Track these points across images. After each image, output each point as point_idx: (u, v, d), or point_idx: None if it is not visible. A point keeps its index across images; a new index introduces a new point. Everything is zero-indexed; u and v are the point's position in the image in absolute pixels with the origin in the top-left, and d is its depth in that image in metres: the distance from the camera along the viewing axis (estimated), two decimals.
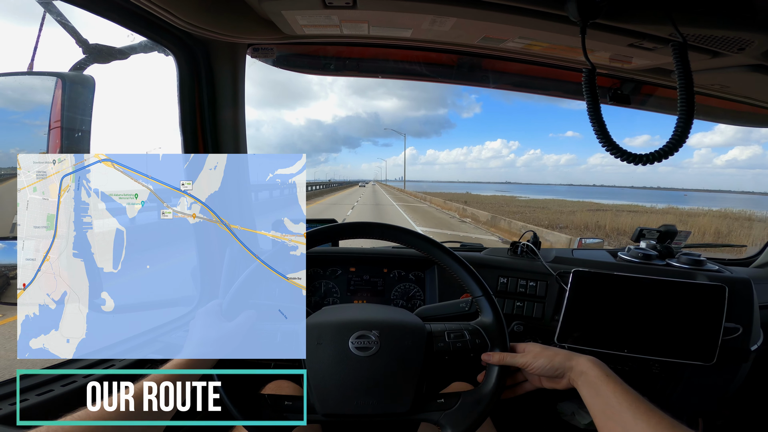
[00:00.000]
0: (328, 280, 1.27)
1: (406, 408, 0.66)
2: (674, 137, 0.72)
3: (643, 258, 1.24)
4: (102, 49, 0.89)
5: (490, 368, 0.72)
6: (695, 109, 0.72)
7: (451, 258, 0.78)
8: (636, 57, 0.98)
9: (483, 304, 0.76)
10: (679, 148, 0.74)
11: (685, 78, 0.72)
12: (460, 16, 0.86)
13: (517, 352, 0.73)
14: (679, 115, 0.72)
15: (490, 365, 0.72)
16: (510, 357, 0.71)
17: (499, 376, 0.71)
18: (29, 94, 0.86)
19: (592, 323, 1.05)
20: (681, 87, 0.72)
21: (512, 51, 1.09)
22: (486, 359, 0.72)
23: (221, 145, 1.22)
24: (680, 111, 0.72)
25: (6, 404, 0.70)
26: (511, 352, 0.72)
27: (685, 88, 0.71)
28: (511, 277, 1.17)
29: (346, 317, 0.75)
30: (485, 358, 0.72)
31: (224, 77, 1.15)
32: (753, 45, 0.81)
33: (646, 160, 0.74)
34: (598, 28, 0.81)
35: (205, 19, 0.90)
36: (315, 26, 0.98)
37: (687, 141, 0.73)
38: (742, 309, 1.07)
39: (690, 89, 0.71)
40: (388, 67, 1.31)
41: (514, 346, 0.75)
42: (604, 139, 0.76)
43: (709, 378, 1.11)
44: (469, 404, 0.68)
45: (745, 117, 1.44)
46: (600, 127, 0.76)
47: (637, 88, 1.31)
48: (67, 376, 0.81)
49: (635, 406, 0.57)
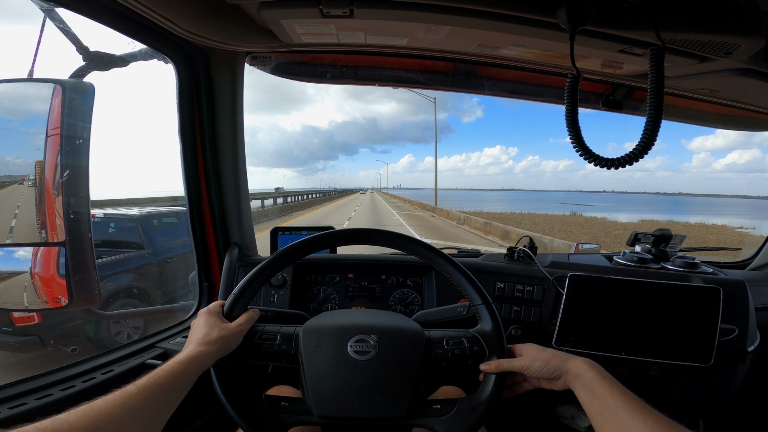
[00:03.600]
0: (326, 286, 1.28)
1: (402, 413, 0.66)
2: (643, 140, 0.75)
3: (639, 262, 1.25)
4: (102, 56, 0.90)
5: (487, 375, 0.72)
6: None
7: (451, 265, 0.78)
8: (626, 63, 1.00)
9: (482, 312, 0.76)
10: (648, 151, 0.76)
11: (656, 81, 0.74)
12: (454, 25, 0.88)
13: (514, 354, 0.74)
14: (648, 117, 0.74)
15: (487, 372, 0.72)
16: (507, 363, 0.71)
17: (496, 382, 0.70)
18: (25, 103, 0.87)
19: (590, 326, 1.05)
20: (651, 90, 0.74)
21: (507, 58, 1.11)
22: (484, 369, 0.72)
23: (220, 151, 1.23)
24: (648, 113, 0.74)
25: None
26: (508, 357, 0.73)
27: (655, 92, 0.74)
28: (509, 282, 1.18)
29: (346, 321, 0.76)
30: (483, 368, 0.72)
31: (223, 85, 1.17)
32: (740, 49, 0.83)
33: (618, 164, 0.77)
34: (589, 35, 0.84)
35: (204, 28, 0.92)
36: (313, 35, 0.99)
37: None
38: (737, 310, 1.08)
39: (660, 92, 0.74)
40: (385, 75, 1.33)
41: (512, 349, 0.75)
42: (579, 144, 0.79)
43: (707, 379, 1.11)
44: (466, 411, 0.68)
45: (735, 121, 1.46)
46: (575, 133, 0.79)
47: (629, 93, 1.33)
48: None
49: (632, 407, 0.57)
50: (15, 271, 0.84)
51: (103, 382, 0.86)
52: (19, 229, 0.82)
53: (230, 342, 0.67)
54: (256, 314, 0.74)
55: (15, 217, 0.82)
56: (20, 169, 0.82)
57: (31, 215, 0.81)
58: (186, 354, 0.62)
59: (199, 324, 0.69)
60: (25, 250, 0.84)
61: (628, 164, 0.76)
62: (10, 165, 0.83)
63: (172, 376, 0.57)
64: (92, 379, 0.86)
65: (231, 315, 0.72)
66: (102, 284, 1.32)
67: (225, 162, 1.24)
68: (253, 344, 0.71)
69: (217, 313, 0.71)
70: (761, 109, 1.34)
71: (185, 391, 0.60)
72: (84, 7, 0.80)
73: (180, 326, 1.18)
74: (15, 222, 0.82)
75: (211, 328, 0.67)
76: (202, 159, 1.21)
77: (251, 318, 0.73)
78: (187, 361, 0.60)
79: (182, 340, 1.08)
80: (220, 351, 0.65)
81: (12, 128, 0.87)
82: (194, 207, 1.24)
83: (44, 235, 0.81)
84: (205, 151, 1.20)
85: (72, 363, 0.89)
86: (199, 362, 0.62)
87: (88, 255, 0.83)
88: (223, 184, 1.26)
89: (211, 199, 1.25)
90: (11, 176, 0.82)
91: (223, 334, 0.66)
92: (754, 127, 1.56)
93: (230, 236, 1.32)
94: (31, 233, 0.82)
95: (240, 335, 0.69)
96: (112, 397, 0.51)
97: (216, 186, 1.25)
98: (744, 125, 1.54)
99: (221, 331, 0.67)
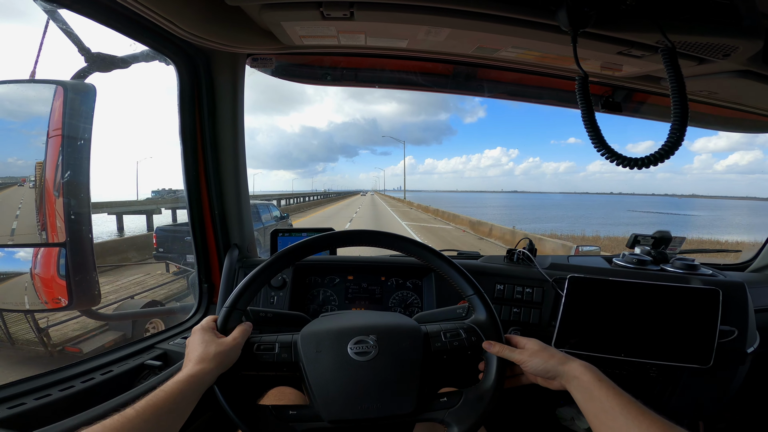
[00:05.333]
0: (326, 288, 1.28)
1: (410, 409, 0.66)
2: (669, 141, 0.74)
3: (638, 263, 1.25)
4: (104, 57, 0.90)
5: (489, 363, 0.73)
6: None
7: (442, 260, 0.80)
8: (626, 64, 1.00)
9: (475, 302, 0.78)
10: (675, 152, 0.75)
11: (677, 82, 0.73)
12: (454, 27, 0.89)
13: (517, 346, 0.75)
14: (673, 119, 0.73)
15: (489, 360, 0.73)
16: (508, 351, 0.72)
17: (498, 370, 0.71)
18: (26, 105, 0.87)
19: (589, 328, 1.05)
20: (674, 91, 0.73)
21: (506, 60, 1.11)
22: (487, 347, 0.73)
23: (220, 153, 1.23)
24: (674, 115, 0.73)
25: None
26: (510, 347, 0.74)
27: (678, 93, 0.73)
28: (508, 283, 1.18)
29: (342, 324, 0.76)
30: (486, 346, 0.73)
31: (224, 86, 1.17)
32: (738, 51, 0.83)
33: (642, 164, 0.76)
34: (588, 37, 0.84)
35: (206, 30, 0.93)
36: (313, 37, 1.00)
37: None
38: (736, 312, 1.08)
39: (683, 93, 0.73)
40: (385, 77, 1.34)
41: (516, 340, 0.76)
42: (601, 144, 0.78)
43: (706, 381, 1.11)
44: (473, 400, 0.69)
45: (734, 123, 1.47)
46: (596, 134, 0.77)
47: (629, 95, 1.34)
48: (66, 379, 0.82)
49: (628, 410, 0.57)
50: (15, 271, 0.85)
51: (102, 383, 0.86)
52: (20, 230, 0.82)
53: (229, 356, 0.66)
54: (250, 327, 0.73)
55: (16, 218, 0.82)
56: (21, 170, 0.82)
57: (31, 216, 0.81)
58: (185, 373, 0.61)
59: (194, 342, 0.67)
60: (26, 250, 0.84)
61: (653, 164, 0.76)
62: (12, 166, 0.83)
63: (171, 396, 0.56)
64: (91, 379, 0.86)
65: (225, 329, 0.71)
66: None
67: (225, 163, 1.25)
68: (252, 355, 0.70)
69: (211, 329, 0.70)
70: (760, 110, 1.34)
71: (187, 411, 0.59)
72: (86, 8, 0.80)
73: (180, 327, 1.18)
74: (16, 223, 0.82)
75: (207, 344, 0.65)
76: (202, 160, 1.21)
77: (246, 330, 0.71)
78: (186, 380, 0.59)
79: (182, 341, 1.08)
80: (219, 367, 0.64)
81: (13, 130, 0.88)
82: (194, 208, 1.24)
83: (44, 236, 0.81)
84: (205, 153, 1.21)
85: (71, 363, 0.89)
86: (200, 381, 0.61)
87: (88, 256, 0.83)
88: (224, 185, 1.27)
89: (211, 200, 1.25)
90: (12, 177, 0.82)
91: (221, 349, 0.65)
92: (753, 128, 1.56)
93: (230, 237, 1.32)
94: (31, 234, 0.82)
95: (237, 348, 0.68)
96: (110, 422, 0.50)
97: (216, 187, 1.25)
98: (743, 127, 1.54)
99: (218, 347, 0.65)
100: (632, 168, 0.78)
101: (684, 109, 0.73)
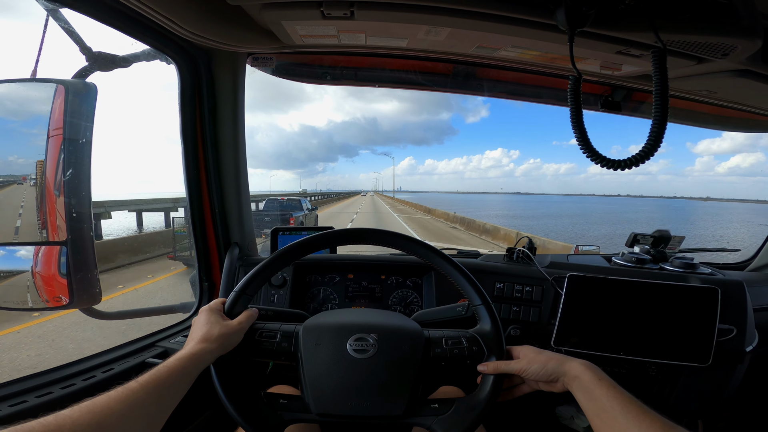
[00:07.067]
0: (326, 286, 1.28)
1: (400, 411, 0.66)
2: (649, 142, 0.74)
3: (637, 262, 1.26)
4: (105, 56, 0.90)
5: (485, 376, 0.72)
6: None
7: (452, 266, 0.79)
8: (625, 64, 1.01)
9: (482, 313, 0.76)
10: (655, 152, 0.76)
11: (660, 84, 0.74)
12: (454, 26, 0.89)
13: (512, 356, 0.74)
14: (653, 119, 0.74)
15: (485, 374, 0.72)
16: (505, 365, 0.71)
17: (494, 383, 0.71)
18: (27, 104, 0.87)
19: (588, 326, 1.05)
20: (656, 92, 0.74)
21: (506, 59, 1.12)
22: (482, 370, 0.72)
23: (221, 151, 1.24)
24: (654, 115, 0.74)
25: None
26: (506, 359, 0.73)
27: (660, 94, 0.74)
28: (508, 282, 1.18)
29: (345, 320, 0.76)
30: (481, 369, 0.72)
31: (225, 85, 1.18)
32: (736, 50, 0.83)
33: (624, 165, 0.77)
34: (587, 37, 0.84)
35: (207, 29, 0.93)
36: (314, 36, 1.00)
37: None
38: (735, 311, 1.09)
39: (665, 94, 0.74)
40: (385, 76, 1.34)
41: (509, 351, 0.75)
42: (585, 145, 0.79)
43: (705, 379, 1.12)
44: (463, 410, 0.68)
45: (733, 122, 1.47)
46: (581, 134, 0.79)
47: (628, 95, 1.34)
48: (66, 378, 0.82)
49: (628, 409, 0.57)
50: (17, 270, 0.85)
51: (103, 380, 0.86)
52: (23, 229, 0.82)
53: (231, 339, 0.68)
54: (256, 313, 0.75)
55: (20, 216, 0.82)
56: (22, 168, 0.82)
57: (32, 215, 0.81)
58: (187, 351, 0.62)
59: (200, 321, 0.69)
60: (27, 249, 0.85)
61: (634, 165, 0.76)
62: (12, 165, 0.83)
63: (173, 372, 0.58)
64: (92, 377, 0.87)
65: (232, 312, 0.73)
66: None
67: (226, 162, 1.25)
68: (254, 342, 0.72)
69: (218, 311, 0.72)
70: (760, 110, 1.34)
71: (186, 388, 0.60)
72: (88, 7, 0.80)
73: (180, 325, 1.19)
74: (20, 222, 0.82)
75: (212, 325, 0.67)
76: (203, 159, 1.22)
77: (252, 316, 0.73)
78: (188, 357, 0.61)
79: (182, 339, 1.08)
80: (221, 348, 0.66)
81: (14, 129, 0.88)
82: (195, 207, 1.24)
83: (45, 234, 0.81)
84: (206, 151, 1.21)
85: (72, 361, 0.89)
86: (200, 359, 0.62)
87: (89, 254, 0.83)
88: (224, 184, 1.27)
89: (212, 198, 1.26)
90: (13, 176, 0.83)
91: (224, 331, 0.67)
92: (752, 128, 1.56)
93: (231, 236, 1.32)
94: (33, 233, 0.82)
95: (241, 333, 0.70)
96: (115, 393, 0.51)
97: (217, 186, 1.25)
98: (742, 126, 1.54)
99: (222, 329, 0.67)
100: (615, 169, 0.79)
101: (664, 111, 0.74)
